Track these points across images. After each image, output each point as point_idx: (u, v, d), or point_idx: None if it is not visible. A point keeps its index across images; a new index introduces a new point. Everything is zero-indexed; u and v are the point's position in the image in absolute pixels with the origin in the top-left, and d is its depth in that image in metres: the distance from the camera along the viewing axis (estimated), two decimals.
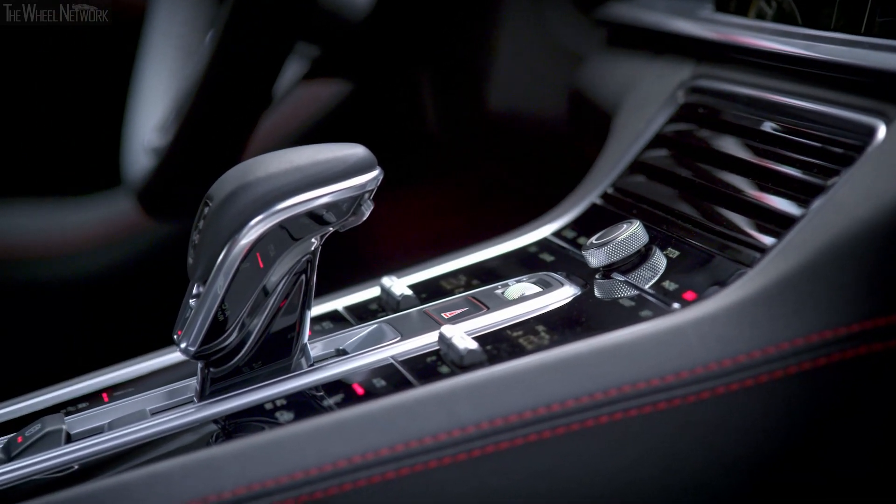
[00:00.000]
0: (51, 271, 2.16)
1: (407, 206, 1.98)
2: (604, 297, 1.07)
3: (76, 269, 2.16)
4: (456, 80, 1.87)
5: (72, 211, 2.18)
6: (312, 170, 1.00)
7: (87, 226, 2.16)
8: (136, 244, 2.15)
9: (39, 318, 2.16)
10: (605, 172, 1.29)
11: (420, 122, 1.96)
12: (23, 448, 1.01)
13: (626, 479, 0.91)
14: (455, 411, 0.90)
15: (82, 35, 2.16)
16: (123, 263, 2.16)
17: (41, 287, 2.16)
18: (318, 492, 0.87)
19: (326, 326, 1.16)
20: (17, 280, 2.17)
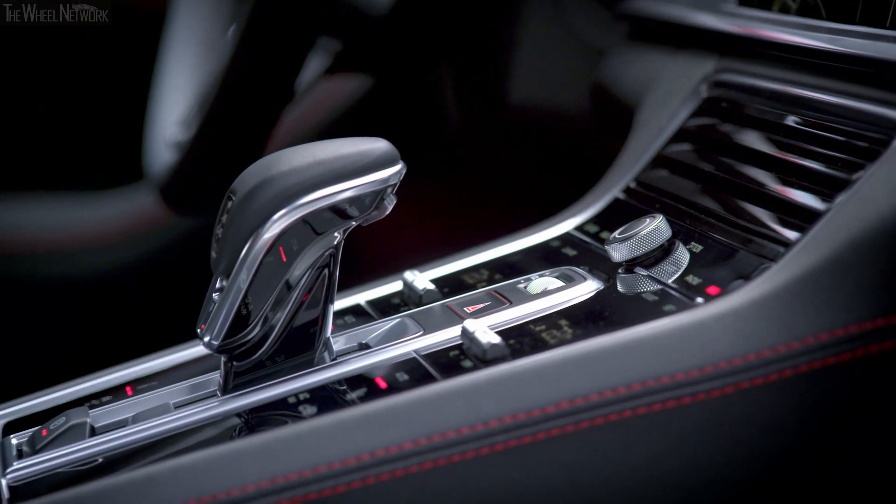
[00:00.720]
0: (74, 265, 2.17)
1: (428, 200, 1.98)
2: (627, 292, 1.07)
3: (99, 264, 2.16)
4: (477, 75, 1.87)
5: (94, 205, 2.19)
6: (335, 164, 1.00)
7: (109, 220, 2.17)
8: (159, 238, 2.16)
9: (62, 312, 2.17)
10: (628, 167, 1.29)
11: (441, 116, 1.96)
12: (48, 441, 1.01)
13: (649, 473, 0.90)
14: (478, 405, 0.90)
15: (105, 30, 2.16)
16: (146, 257, 2.16)
17: (64, 281, 2.17)
18: (342, 485, 0.87)
19: (349, 320, 1.16)
20: (40, 274, 2.18)
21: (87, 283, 2.16)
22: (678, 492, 0.92)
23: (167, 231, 2.16)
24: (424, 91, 1.98)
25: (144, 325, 2.13)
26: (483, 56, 1.84)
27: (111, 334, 2.14)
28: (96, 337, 2.14)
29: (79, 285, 2.16)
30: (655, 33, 1.50)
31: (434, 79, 1.95)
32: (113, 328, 2.16)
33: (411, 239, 1.92)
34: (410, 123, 2.02)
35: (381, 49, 1.87)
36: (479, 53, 1.85)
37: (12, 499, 0.97)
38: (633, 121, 1.39)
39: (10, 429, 1.10)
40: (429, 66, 1.93)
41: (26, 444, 1.04)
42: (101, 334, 2.15)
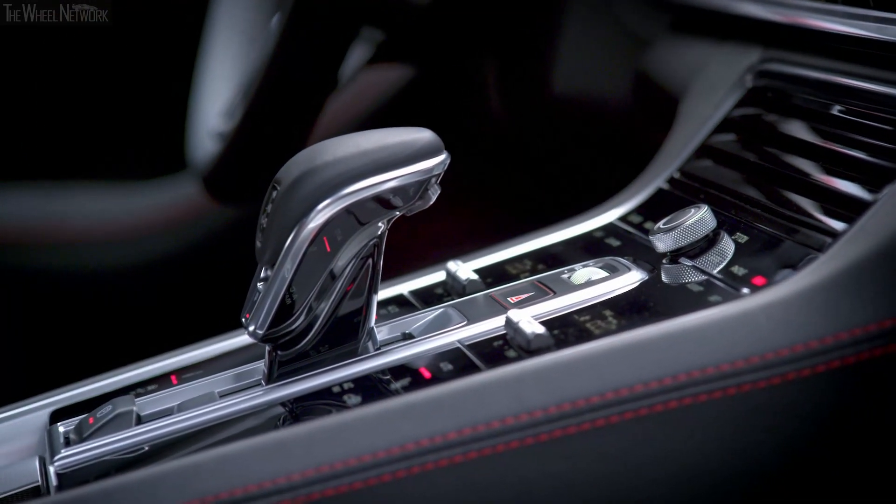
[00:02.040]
0: (118, 255, 2.18)
1: (471, 190, 1.98)
2: (671, 282, 1.06)
3: (142, 253, 2.18)
4: (521, 65, 1.87)
5: (138, 195, 2.20)
6: (380, 154, 1.00)
7: (152, 210, 2.18)
8: (202, 228, 2.17)
9: (107, 301, 2.18)
10: (672, 157, 1.28)
11: (485, 106, 1.96)
12: (94, 429, 1.02)
13: (694, 464, 0.90)
14: (522, 396, 0.89)
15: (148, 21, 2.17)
16: (189, 247, 2.17)
17: (109, 271, 2.18)
18: (387, 475, 0.88)
19: (392, 310, 1.16)
20: (84, 264, 2.19)
21: (131, 273, 2.17)
22: (725, 483, 0.92)
23: (210, 221, 2.16)
24: (468, 81, 1.98)
25: (188, 314, 2.14)
26: (527, 45, 1.83)
27: (156, 323, 2.15)
28: (141, 326, 2.16)
29: (123, 275, 2.18)
30: (699, 23, 1.49)
31: (477, 68, 1.95)
32: (157, 317, 2.17)
33: (454, 229, 1.92)
34: (453, 113, 2.02)
35: (424, 39, 1.86)
36: (523, 43, 1.84)
37: (60, 486, 0.98)
38: (677, 111, 1.38)
39: (57, 417, 1.11)
40: (472, 55, 1.93)
41: (73, 431, 1.05)
42: (145, 323, 2.16)
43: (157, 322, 2.15)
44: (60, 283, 2.18)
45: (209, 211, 2.14)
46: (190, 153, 1.81)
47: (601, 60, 1.73)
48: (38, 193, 2.23)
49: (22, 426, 1.12)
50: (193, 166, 1.81)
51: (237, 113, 1.64)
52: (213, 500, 0.87)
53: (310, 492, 0.87)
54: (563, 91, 1.79)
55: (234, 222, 2.14)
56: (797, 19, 1.26)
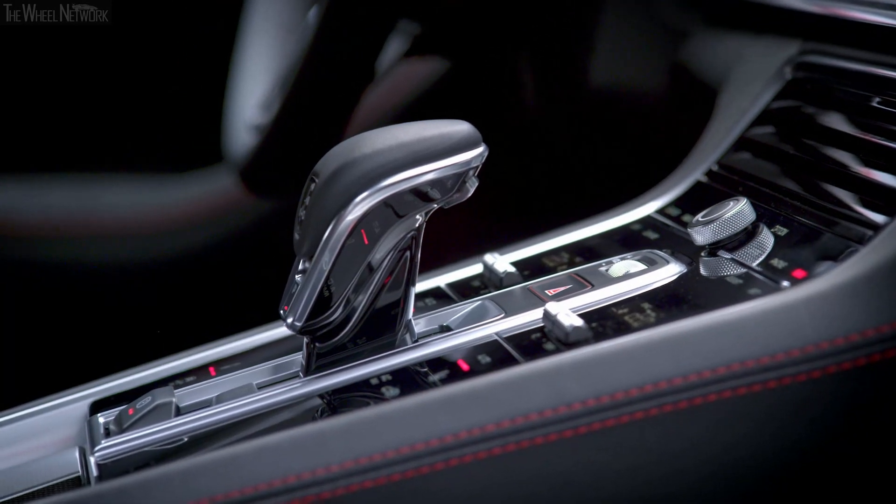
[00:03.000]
0: (154, 247, 2.19)
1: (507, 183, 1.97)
2: (710, 275, 1.06)
3: (179, 246, 2.18)
4: (556, 58, 1.86)
5: (174, 187, 2.21)
6: (418, 146, 1.00)
7: (189, 202, 2.19)
8: (238, 220, 2.17)
9: (144, 293, 2.19)
10: (710, 150, 1.28)
11: (520, 98, 1.96)
12: (134, 420, 1.03)
13: (734, 457, 0.90)
14: (561, 388, 0.89)
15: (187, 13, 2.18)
16: (226, 239, 2.18)
17: (145, 263, 2.19)
18: (425, 467, 0.88)
19: (429, 303, 1.16)
20: (120, 256, 2.20)
21: (168, 266, 2.18)
22: (765, 476, 0.91)
23: (247, 213, 2.17)
24: (503, 73, 1.98)
25: (226, 307, 2.15)
26: (562, 38, 1.83)
27: (193, 315, 2.16)
28: (179, 318, 2.16)
29: (160, 267, 2.18)
30: (737, 15, 1.48)
31: (513, 61, 1.94)
32: (194, 309, 2.18)
33: (491, 221, 1.92)
34: (489, 106, 2.01)
35: (460, 32, 1.86)
36: (558, 35, 1.84)
37: (100, 476, 0.99)
38: (714, 103, 1.37)
39: (97, 408, 1.12)
40: (508, 48, 1.93)
41: (113, 422, 1.05)
42: (183, 315, 2.17)
43: (194, 314, 2.16)
44: (97, 276, 2.19)
45: (246, 203, 2.14)
46: (226, 146, 1.82)
47: (637, 53, 1.73)
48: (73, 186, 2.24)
49: (62, 417, 1.13)
50: (230, 159, 1.81)
51: (274, 105, 1.65)
52: (251, 490, 0.87)
53: (348, 483, 0.87)
54: (598, 83, 1.79)
55: (271, 215, 2.14)
56: (837, 11, 1.25)
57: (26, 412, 1.13)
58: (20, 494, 1.02)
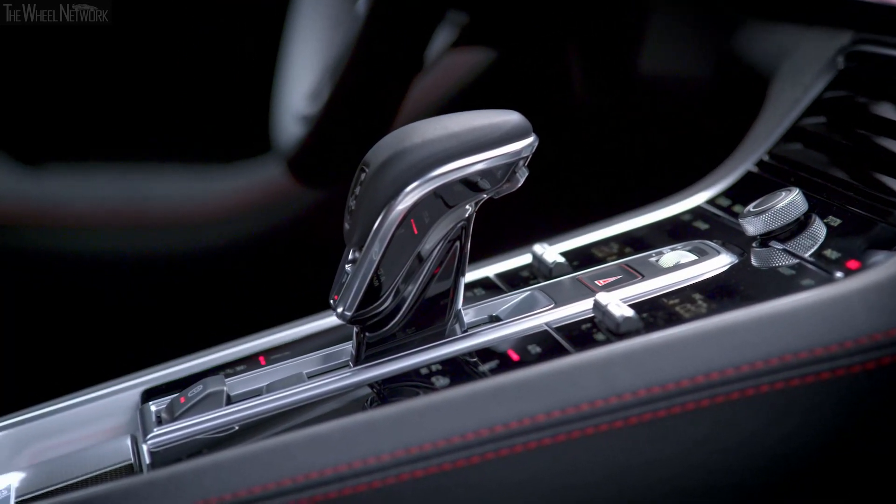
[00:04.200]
0: (203, 237, 2.20)
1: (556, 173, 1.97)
2: (761, 266, 1.05)
3: (227, 236, 2.19)
4: (604, 48, 1.85)
5: (222, 178, 2.22)
6: (468, 136, 1.00)
7: (237, 193, 2.20)
8: (286, 210, 2.18)
9: (193, 283, 2.20)
10: (761, 140, 1.27)
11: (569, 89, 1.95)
12: (186, 408, 1.03)
13: (787, 449, 0.89)
14: (611, 378, 0.89)
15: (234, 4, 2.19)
16: (274, 229, 2.19)
17: (194, 252, 2.20)
18: (476, 457, 0.88)
19: (478, 293, 1.16)
20: (170, 246, 2.22)
21: (217, 255, 2.20)
22: (814, 469, 0.91)
23: (295, 203, 2.18)
24: (551, 63, 1.97)
25: (275, 296, 2.16)
26: (611, 27, 1.82)
27: (242, 305, 2.17)
28: (228, 307, 2.18)
29: (209, 256, 2.20)
30: (788, 5, 1.47)
31: (561, 51, 1.94)
32: (244, 299, 2.19)
33: (540, 211, 1.92)
34: (537, 96, 2.01)
35: (508, 22, 1.86)
36: (607, 25, 1.83)
37: (153, 463, 1.00)
38: (765, 94, 1.36)
39: (148, 396, 1.13)
40: (556, 38, 1.92)
41: (165, 411, 1.06)
42: (232, 304, 2.18)
43: (244, 303, 2.17)
44: (147, 266, 2.21)
45: (294, 194, 2.15)
46: (275, 136, 1.82)
47: (687, 42, 1.72)
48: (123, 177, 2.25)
49: (114, 405, 1.14)
50: (278, 149, 1.82)
51: (322, 96, 1.65)
52: (303, 479, 0.87)
53: (399, 473, 0.87)
54: (648, 73, 1.78)
55: (319, 205, 2.15)
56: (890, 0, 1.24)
57: (79, 400, 1.14)
58: (74, 481, 1.03)
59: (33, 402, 1.15)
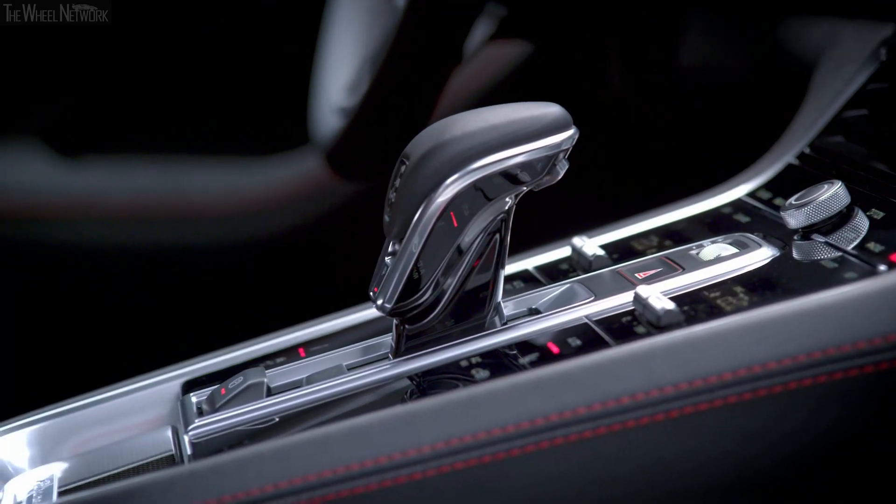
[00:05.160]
0: (241, 229, 2.21)
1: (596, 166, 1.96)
2: (804, 259, 1.04)
3: (267, 227, 2.20)
4: (644, 40, 1.85)
5: (261, 170, 2.22)
6: (508, 128, 1.00)
7: (275, 185, 2.20)
8: (324, 202, 2.19)
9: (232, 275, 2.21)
10: (802, 132, 1.26)
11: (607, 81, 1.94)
12: (227, 400, 1.04)
13: (832, 441, 0.89)
14: (653, 371, 0.89)
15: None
16: (312, 221, 2.19)
17: (233, 245, 2.21)
18: (516, 449, 0.88)
19: (517, 286, 1.16)
20: (208, 238, 2.22)
21: (254, 248, 2.20)
22: (859, 462, 0.90)
23: (331, 195, 2.18)
24: (590, 56, 1.96)
25: (313, 288, 2.16)
26: (650, 20, 1.81)
27: (281, 296, 2.18)
28: (268, 299, 2.18)
29: (246, 249, 2.20)
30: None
31: (600, 43, 1.93)
32: (283, 290, 2.19)
33: (579, 204, 1.91)
34: (576, 88, 2.00)
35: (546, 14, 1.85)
36: (646, 17, 1.82)
37: (195, 454, 1.00)
38: (807, 86, 1.35)
39: (189, 387, 1.13)
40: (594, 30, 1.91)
41: (206, 402, 1.07)
42: (270, 296, 2.19)
43: (283, 295, 2.18)
44: (186, 258, 2.22)
45: (332, 186, 2.15)
46: (313, 128, 1.83)
47: (727, 35, 1.71)
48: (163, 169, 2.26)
49: (155, 396, 1.14)
50: (316, 141, 1.82)
51: (361, 88, 1.65)
52: (343, 470, 0.87)
53: (439, 465, 0.87)
54: (688, 66, 1.77)
55: (357, 197, 2.15)
56: None
57: (120, 391, 1.15)
58: (116, 472, 1.04)
59: (76, 393, 1.15)
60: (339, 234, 2.18)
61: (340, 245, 2.18)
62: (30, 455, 1.11)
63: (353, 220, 2.15)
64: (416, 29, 1.54)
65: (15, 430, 1.12)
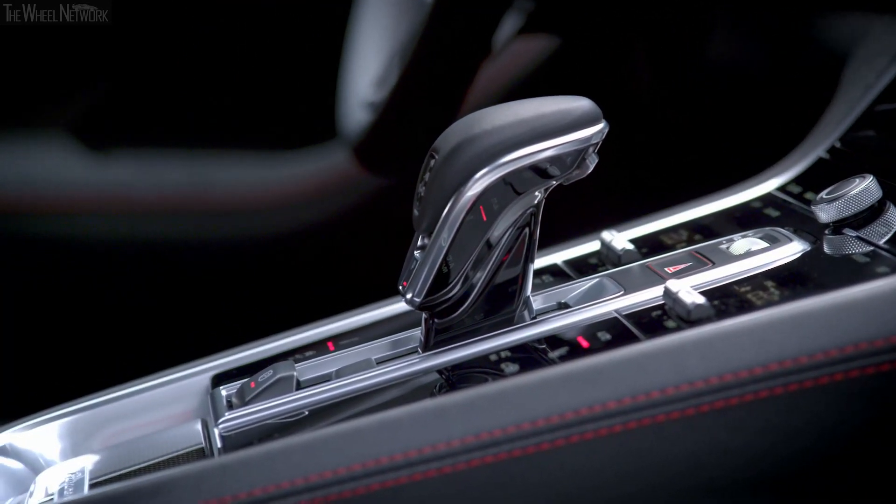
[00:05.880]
0: (269, 223, 2.21)
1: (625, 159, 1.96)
2: (835, 253, 1.04)
3: (292, 222, 2.20)
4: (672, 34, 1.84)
5: (288, 164, 2.22)
6: (538, 122, 0.99)
7: (303, 178, 2.20)
8: (352, 197, 2.18)
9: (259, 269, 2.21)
10: (833, 126, 1.26)
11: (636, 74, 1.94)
12: (256, 393, 1.04)
13: (863, 437, 0.88)
14: (683, 366, 0.89)
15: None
16: (339, 215, 2.19)
17: (260, 239, 2.21)
18: (546, 443, 0.87)
19: (546, 280, 1.16)
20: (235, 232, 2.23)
21: (281, 242, 2.20)
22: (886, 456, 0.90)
23: (359, 189, 2.18)
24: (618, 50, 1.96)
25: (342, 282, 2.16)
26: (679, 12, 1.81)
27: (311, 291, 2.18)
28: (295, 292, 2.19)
29: (273, 243, 2.20)
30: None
31: (628, 38, 1.92)
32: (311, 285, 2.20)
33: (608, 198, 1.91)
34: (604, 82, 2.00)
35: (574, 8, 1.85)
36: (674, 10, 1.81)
37: (225, 447, 1.00)
38: (837, 80, 1.35)
39: (218, 381, 1.13)
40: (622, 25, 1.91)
41: (235, 395, 1.07)
42: (299, 290, 2.19)
43: (311, 289, 2.18)
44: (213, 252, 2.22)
45: (359, 180, 2.15)
46: (341, 123, 1.83)
47: (758, 27, 1.70)
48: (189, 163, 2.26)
49: (184, 389, 1.15)
50: (344, 135, 1.82)
51: (389, 82, 1.65)
52: (373, 464, 0.88)
53: (469, 459, 0.87)
54: (717, 59, 1.76)
55: (385, 191, 2.15)
56: None
57: (150, 384, 1.15)
58: (146, 464, 1.04)
59: (107, 386, 1.16)
60: (368, 229, 2.18)
61: (368, 239, 2.18)
62: (61, 447, 1.11)
63: (381, 215, 2.15)
64: (444, 23, 1.54)
65: (46, 422, 1.12)
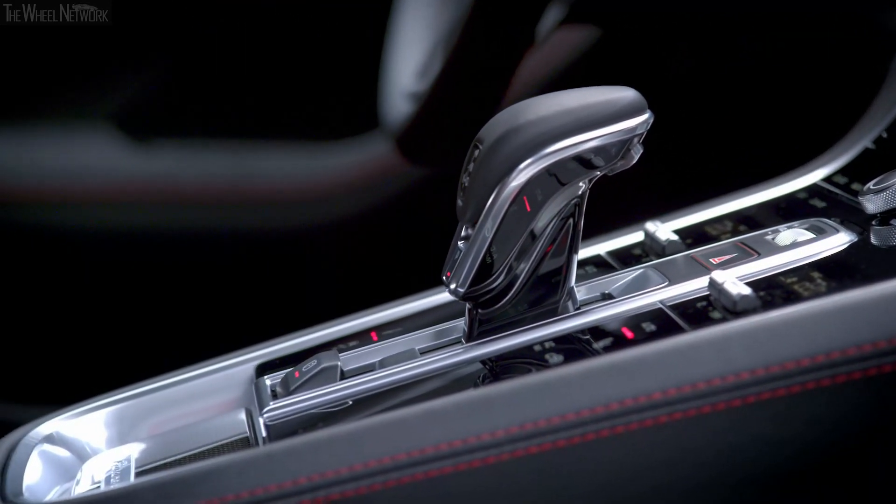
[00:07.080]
0: (309, 214, 2.21)
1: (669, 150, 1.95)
2: (882, 245, 1.03)
3: (334, 212, 2.20)
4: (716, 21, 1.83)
5: (330, 154, 2.23)
6: (582, 113, 0.99)
7: (345, 169, 2.20)
8: (394, 187, 2.19)
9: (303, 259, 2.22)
10: (880, 116, 1.25)
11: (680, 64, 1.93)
12: (300, 383, 1.05)
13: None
14: (729, 357, 0.88)
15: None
16: (382, 206, 2.19)
17: (302, 230, 2.22)
18: (591, 434, 0.87)
19: (590, 271, 1.16)
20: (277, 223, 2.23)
21: (322, 232, 2.21)
22: None
23: (402, 180, 2.18)
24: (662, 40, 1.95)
25: (385, 273, 2.16)
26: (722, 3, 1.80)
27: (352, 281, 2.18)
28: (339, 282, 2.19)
29: (315, 234, 2.21)
30: None
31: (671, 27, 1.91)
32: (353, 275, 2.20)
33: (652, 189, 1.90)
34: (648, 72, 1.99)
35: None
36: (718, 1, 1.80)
37: (269, 436, 1.01)
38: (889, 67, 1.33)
39: (263, 370, 1.14)
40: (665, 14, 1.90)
41: (279, 385, 1.07)
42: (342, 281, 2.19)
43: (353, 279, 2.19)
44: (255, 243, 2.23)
45: (402, 171, 2.15)
46: (382, 113, 1.83)
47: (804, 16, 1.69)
48: (231, 154, 2.27)
49: (229, 379, 1.15)
50: (386, 126, 1.82)
51: (431, 72, 1.65)
52: (418, 454, 0.88)
53: (514, 449, 0.87)
54: (761, 49, 1.75)
55: (426, 182, 2.15)
56: None
57: (195, 374, 1.16)
58: (191, 453, 1.05)
59: (152, 375, 1.17)
60: (410, 219, 2.18)
61: (411, 229, 2.18)
62: (107, 436, 1.12)
63: (424, 205, 2.15)
64: (488, 12, 1.53)
65: (93, 411, 1.13)
